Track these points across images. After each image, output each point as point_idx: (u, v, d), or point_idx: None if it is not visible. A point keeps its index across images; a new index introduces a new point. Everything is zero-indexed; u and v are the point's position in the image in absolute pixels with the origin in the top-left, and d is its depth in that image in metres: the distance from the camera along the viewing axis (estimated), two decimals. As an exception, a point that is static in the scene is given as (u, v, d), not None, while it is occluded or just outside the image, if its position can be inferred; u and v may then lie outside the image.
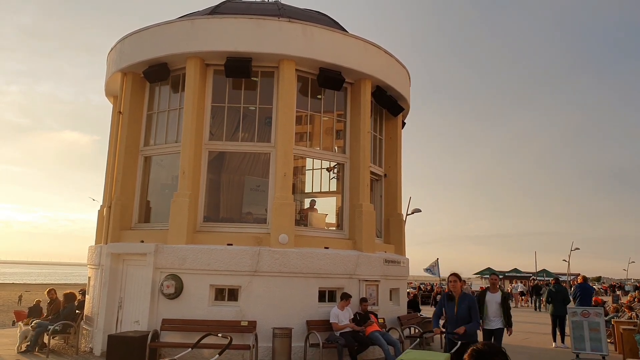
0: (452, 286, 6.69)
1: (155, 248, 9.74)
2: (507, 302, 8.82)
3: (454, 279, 6.69)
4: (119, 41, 11.81)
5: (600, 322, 10.54)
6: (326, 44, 10.82)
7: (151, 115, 11.64)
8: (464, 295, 6.72)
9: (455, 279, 6.71)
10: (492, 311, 8.64)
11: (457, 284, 6.71)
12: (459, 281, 6.89)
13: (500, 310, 8.59)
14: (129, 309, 10.15)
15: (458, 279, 6.85)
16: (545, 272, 50.89)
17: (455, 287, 6.66)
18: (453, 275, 6.73)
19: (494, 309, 8.63)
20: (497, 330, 8.54)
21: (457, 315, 6.51)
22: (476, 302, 6.76)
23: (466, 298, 6.67)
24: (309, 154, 11.95)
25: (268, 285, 9.62)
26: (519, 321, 19.54)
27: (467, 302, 6.61)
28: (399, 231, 13.02)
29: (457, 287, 6.65)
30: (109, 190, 11.51)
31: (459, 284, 6.83)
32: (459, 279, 6.87)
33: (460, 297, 6.67)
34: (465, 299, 6.63)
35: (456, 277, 6.71)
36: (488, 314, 8.62)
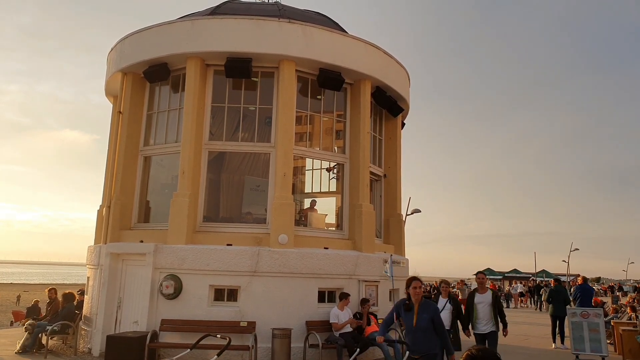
0: (414, 293, 5.63)
1: (154, 248, 9.73)
2: (499, 302, 8.23)
3: (417, 284, 5.71)
4: (119, 41, 11.81)
5: (599, 323, 10.53)
6: (326, 44, 10.82)
7: (151, 115, 11.63)
8: (426, 303, 5.68)
9: (419, 285, 5.78)
10: (483, 314, 8.01)
11: (420, 290, 5.78)
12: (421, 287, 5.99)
13: (491, 312, 7.97)
14: (128, 309, 10.14)
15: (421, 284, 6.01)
16: (545, 272, 50.88)
17: (417, 294, 5.68)
18: (418, 281, 5.75)
19: (485, 311, 8.00)
20: (489, 334, 7.98)
21: (417, 326, 5.55)
22: (439, 312, 5.76)
23: (428, 307, 5.63)
24: (309, 154, 11.95)
25: (267, 286, 9.61)
26: (518, 322, 19.56)
27: (430, 312, 5.59)
28: (399, 231, 13.02)
29: (419, 294, 5.69)
30: (108, 190, 11.50)
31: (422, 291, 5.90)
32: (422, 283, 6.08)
33: (421, 305, 5.63)
34: (426, 309, 5.61)
35: (420, 282, 5.80)
36: (478, 317, 8.06)
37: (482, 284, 8.36)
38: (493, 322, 7.97)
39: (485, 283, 8.42)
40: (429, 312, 5.57)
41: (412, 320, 5.59)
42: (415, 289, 5.69)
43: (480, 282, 8.39)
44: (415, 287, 5.69)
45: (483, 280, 8.45)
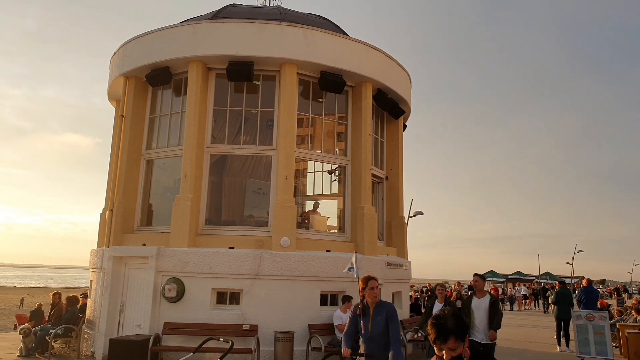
0: (370, 294, 4.89)
1: (157, 251, 9.74)
2: (498, 308, 7.33)
3: (374, 284, 4.91)
4: (122, 45, 11.86)
5: (605, 326, 10.47)
6: (327, 47, 10.84)
7: (153, 118, 11.67)
8: (382, 305, 4.96)
9: (377, 285, 4.94)
10: (480, 320, 7.21)
11: (377, 291, 4.99)
12: (379, 287, 5.12)
13: (489, 319, 7.21)
14: (130, 313, 10.14)
15: (379, 283, 5.14)
16: (549, 274, 50.65)
17: (374, 295, 4.91)
18: (375, 280, 4.97)
19: (482, 318, 7.20)
20: (487, 346, 7.10)
21: (372, 332, 4.85)
22: (396, 313, 5.02)
23: (384, 308, 4.91)
24: (311, 156, 11.95)
25: (270, 289, 9.59)
26: (522, 325, 19.45)
27: (385, 313, 4.86)
28: (401, 234, 12.99)
29: (376, 296, 4.94)
30: (111, 193, 11.53)
31: (379, 292, 5.11)
32: (379, 283, 5.17)
33: (377, 308, 4.91)
34: (382, 310, 4.88)
35: (376, 281, 4.99)
36: (475, 323, 7.26)
37: (480, 287, 7.52)
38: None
39: (481, 286, 7.54)
40: (384, 313, 4.89)
41: (367, 325, 4.93)
42: (373, 290, 4.99)
43: (477, 286, 7.54)
44: (373, 288, 4.99)
45: (479, 283, 7.55)
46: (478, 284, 7.56)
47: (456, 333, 2.47)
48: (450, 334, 2.46)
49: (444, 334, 2.47)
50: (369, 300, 4.95)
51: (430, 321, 2.56)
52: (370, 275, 5.08)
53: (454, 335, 2.47)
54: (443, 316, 2.54)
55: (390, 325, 4.85)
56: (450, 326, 2.48)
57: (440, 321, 2.51)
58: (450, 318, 2.52)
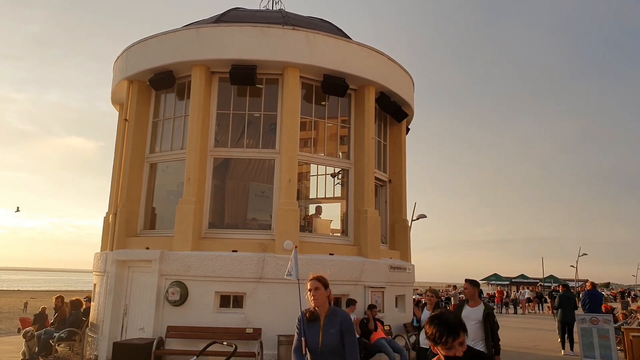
0: (315, 297, 3.94)
1: (160, 255, 9.76)
2: (494, 322, 6.34)
3: (316, 285, 3.96)
4: (125, 49, 11.91)
5: (609, 329, 10.43)
6: (330, 51, 10.86)
7: (157, 122, 11.71)
8: (334, 313, 4.01)
9: (319, 285, 3.96)
10: (471, 332, 6.09)
11: (321, 292, 3.97)
12: (324, 289, 4.00)
13: (481, 331, 6.22)
14: (134, 316, 10.15)
15: (323, 285, 4.01)
16: (553, 277, 50.45)
17: (317, 297, 3.94)
18: (315, 281, 3.99)
19: (473, 330, 6.18)
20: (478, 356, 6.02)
21: (322, 347, 3.90)
22: (353, 325, 4.09)
23: (337, 318, 3.96)
24: (314, 160, 11.96)
25: (273, 292, 9.59)
26: (526, 328, 19.37)
27: (339, 324, 3.92)
28: (405, 237, 12.97)
29: (319, 299, 3.95)
30: (114, 197, 11.56)
31: (326, 293, 4.01)
32: (325, 285, 4.02)
33: (329, 316, 3.97)
34: (335, 320, 3.94)
35: (319, 284, 3.98)
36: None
37: (472, 295, 6.47)
38: (483, 344, 6.18)
39: (474, 294, 6.47)
40: (338, 325, 3.90)
41: (317, 337, 3.93)
42: (317, 291, 3.91)
43: (469, 293, 6.49)
44: (311, 290, 3.92)
45: (470, 290, 6.48)
46: (468, 292, 6.48)
47: (463, 326, 2.45)
48: (459, 328, 2.42)
49: (454, 330, 2.41)
50: (313, 304, 3.97)
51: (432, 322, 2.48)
52: (315, 275, 4.05)
53: (462, 329, 2.43)
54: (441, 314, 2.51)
55: (345, 341, 3.87)
56: (454, 321, 2.44)
57: (442, 319, 2.46)
58: (449, 313, 2.52)
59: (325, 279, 4.04)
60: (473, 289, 6.51)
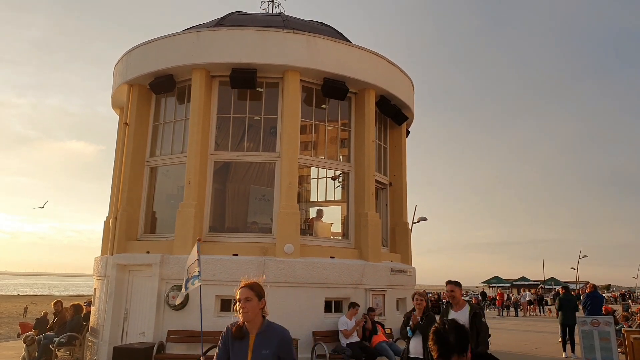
0: (244, 309, 3.20)
1: (160, 259, 9.74)
2: (481, 322, 5.80)
3: (247, 294, 3.22)
4: (125, 53, 11.93)
5: (610, 332, 10.41)
6: (330, 54, 10.88)
7: (157, 126, 11.71)
8: (269, 329, 3.25)
9: (250, 295, 3.22)
10: None
11: (252, 304, 3.23)
12: (257, 299, 3.25)
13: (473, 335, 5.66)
14: (134, 321, 10.13)
15: (256, 295, 3.26)
16: (554, 280, 50.39)
17: (248, 310, 3.20)
18: (246, 289, 3.25)
19: None
20: None
21: None
22: (292, 346, 3.29)
23: (273, 336, 3.21)
24: (314, 163, 11.97)
25: (274, 296, 9.54)
26: (527, 330, 19.33)
27: (275, 344, 3.18)
28: (405, 240, 12.96)
29: (250, 312, 3.21)
30: (115, 201, 11.55)
31: (260, 306, 3.27)
32: (259, 295, 3.27)
33: (260, 334, 3.22)
34: (270, 339, 3.19)
35: (251, 293, 3.24)
36: None
37: (456, 297, 6.00)
38: None
39: (458, 296, 6.01)
40: (273, 346, 3.16)
41: (245, 356, 3.21)
42: (247, 303, 3.18)
43: (452, 296, 6.01)
44: (242, 300, 3.18)
45: (454, 292, 6.00)
46: (455, 294, 5.99)
47: (458, 349, 2.43)
48: (452, 352, 2.42)
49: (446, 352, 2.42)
50: (242, 317, 3.21)
51: (432, 336, 2.49)
52: (246, 281, 3.31)
53: (456, 353, 2.42)
54: (444, 330, 2.47)
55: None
56: (451, 342, 2.43)
57: (441, 337, 2.45)
58: (452, 332, 2.46)
59: (259, 287, 3.27)
60: (459, 290, 6.05)
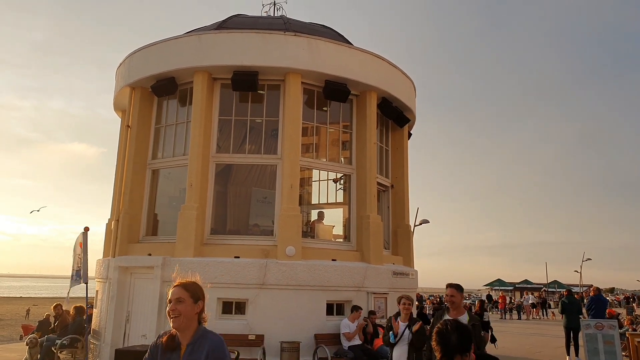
0: (174, 312, 2.66)
1: (162, 261, 9.74)
2: (478, 334, 4.99)
3: (179, 294, 2.70)
4: (127, 56, 11.97)
5: (614, 335, 10.34)
6: (331, 56, 10.89)
7: (159, 128, 11.73)
8: (202, 338, 2.70)
9: (183, 296, 2.70)
10: None
11: (186, 306, 2.69)
12: (192, 302, 2.72)
13: None
14: (136, 323, 10.12)
15: (191, 296, 2.73)
16: (557, 283, 50.16)
17: (182, 316, 2.67)
18: (179, 289, 2.72)
19: None
20: None
21: None
22: (226, 355, 2.70)
23: (204, 344, 2.67)
24: (316, 165, 11.95)
25: (275, 298, 9.55)
26: (530, 334, 19.23)
27: (205, 355, 2.64)
28: (407, 242, 12.92)
29: (188, 319, 2.69)
30: (117, 203, 11.57)
31: (196, 310, 2.73)
32: (195, 296, 2.74)
33: (192, 344, 2.69)
34: (200, 349, 2.66)
35: (185, 294, 2.71)
36: None
37: (456, 302, 5.35)
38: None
39: (458, 301, 5.36)
40: (203, 357, 2.64)
41: None
42: (179, 304, 2.67)
43: (452, 301, 5.36)
44: (173, 301, 2.68)
45: (456, 297, 5.36)
46: (455, 299, 5.33)
47: (461, 350, 2.42)
48: (455, 352, 2.41)
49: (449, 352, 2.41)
50: (175, 326, 2.69)
51: (434, 337, 2.48)
52: (181, 280, 2.80)
53: (459, 353, 2.41)
54: (446, 331, 2.46)
55: None
56: (454, 343, 2.42)
57: (443, 338, 2.44)
58: (454, 333, 2.45)
59: (196, 287, 2.75)
60: (460, 295, 5.42)
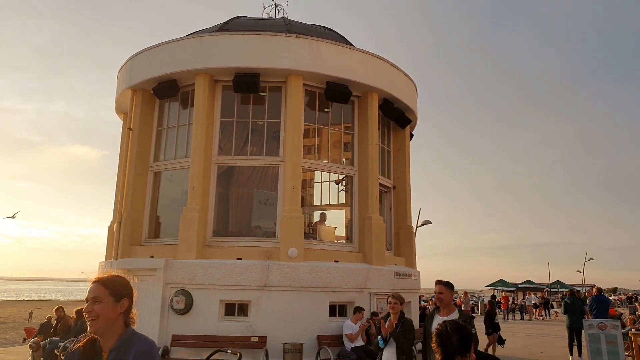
0: (91, 314, 2.40)
1: (165, 263, 9.75)
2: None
3: (97, 292, 2.41)
4: (129, 59, 11.99)
5: (617, 335, 10.31)
6: (333, 58, 10.90)
7: (161, 131, 11.75)
8: (128, 343, 2.43)
9: (101, 294, 2.41)
10: None
11: (104, 306, 2.39)
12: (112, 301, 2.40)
13: None
14: (139, 325, 9.95)
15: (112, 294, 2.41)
16: (559, 283, 50.07)
17: (99, 317, 2.40)
18: (97, 286, 2.43)
19: None
20: None
21: None
22: (155, 354, 2.45)
23: (129, 351, 2.36)
24: (317, 166, 11.97)
25: (278, 300, 9.55)
26: (534, 334, 19.19)
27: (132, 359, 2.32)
28: (410, 243, 12.92)
29: (107, 321, 2.41)
30: (119, 206, 11.59)
31: (118, 310, 2.44)
32: (116, 294, 2.43)
33: (115, 350, 2.36)
34: (127, 354, 2.36)
35: (103, 291, 2.40)
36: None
37: (445, 301, 4.99)
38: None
39: (446, 299, 5.00)
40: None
41: None
42: (96, 305, 2.35)
43: (441, 299, 5.00)
44: (90, 300, 2.36)
45: (445, 295, 4.99)
46: (443, 297, 4.98)
47: (461, 350, 2.43)
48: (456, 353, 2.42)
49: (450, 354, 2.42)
50: (92, 329, 2.38)
51: (435, 338, 2.49)
52: (100, 276, 2.43)
53: (459, 354, 2.42)
54: (446, 332, 2.46)
55: None
56: (454, 343, 2.43)
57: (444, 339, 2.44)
58: (454, 334, 2.46)
59: (117, 282, 2.39)
60: (449, 292, 5.08)
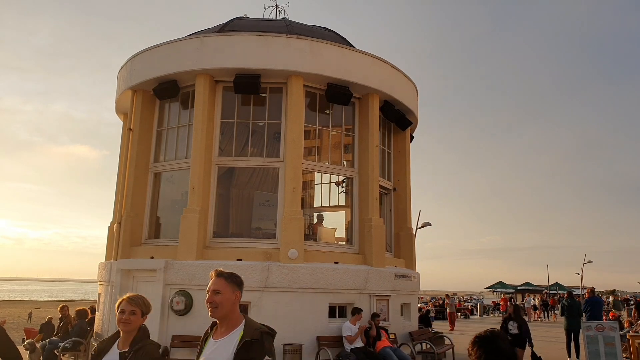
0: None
1: (165, 264, 9.75)
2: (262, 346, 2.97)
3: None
4: (129, 59, 12.00)
5: (615, 337, 10.33)
6: (333, 59, 10.91)
7: (161, 131, 11.76)
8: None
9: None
10: None
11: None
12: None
13: None
14: (138, 326, 10.11)
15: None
16: (558, 285, 50.11)
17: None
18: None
19: None
20: None
21: None
22: None
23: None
24: (318, 168, 11.98)
25: (278, 301, 9.56)
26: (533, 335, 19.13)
27: None
28: (409, 245, 12.94)
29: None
30: (119, 207, 11.59)
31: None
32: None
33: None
34: None
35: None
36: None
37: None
38: None
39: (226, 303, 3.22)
40: None
41: None
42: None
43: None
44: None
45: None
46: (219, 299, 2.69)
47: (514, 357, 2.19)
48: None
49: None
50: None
51: (481, 345, 2.20)
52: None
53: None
54: (493, 338, 2.20)
55: None
56: (510, 351, 2.17)
57: (494, 347, 2.16)
58: (502, 339, 2.22)
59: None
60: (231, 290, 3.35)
